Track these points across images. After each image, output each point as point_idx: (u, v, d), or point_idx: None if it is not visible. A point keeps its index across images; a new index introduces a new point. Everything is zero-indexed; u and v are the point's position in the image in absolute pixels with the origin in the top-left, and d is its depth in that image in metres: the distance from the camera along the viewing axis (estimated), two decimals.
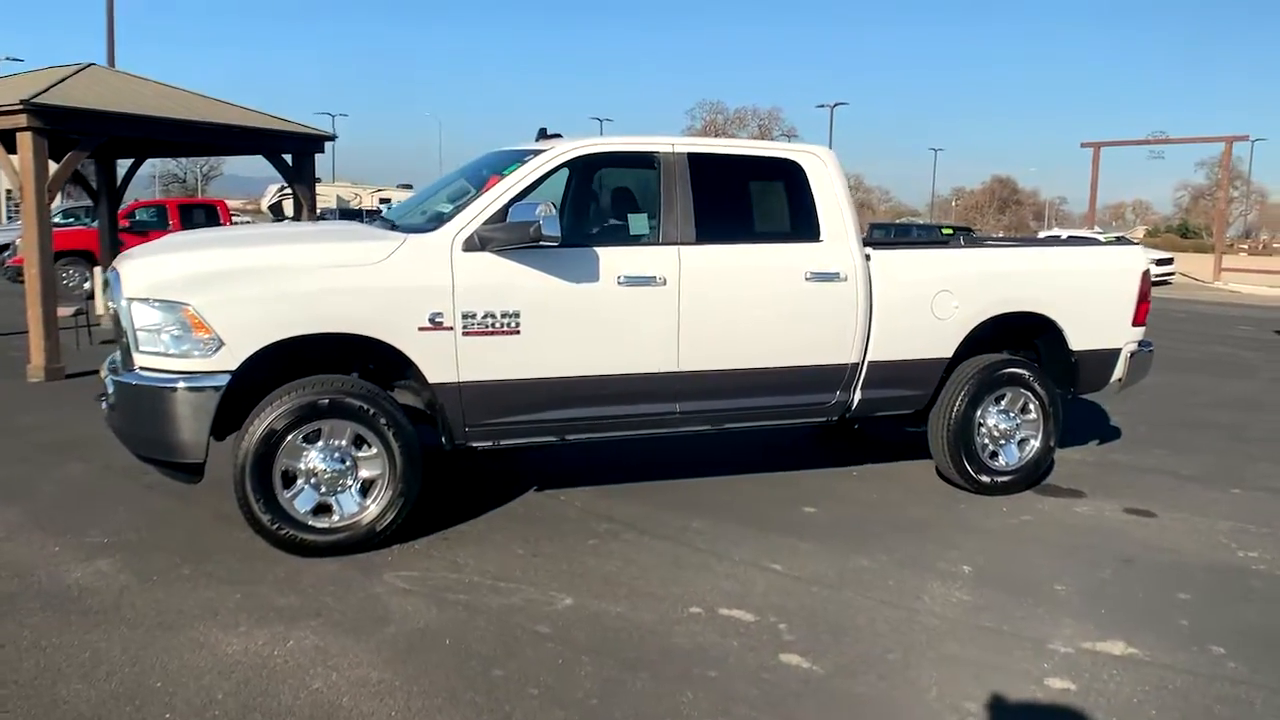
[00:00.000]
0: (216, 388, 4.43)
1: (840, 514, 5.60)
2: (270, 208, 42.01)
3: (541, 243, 4.61)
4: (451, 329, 4.72)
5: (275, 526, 4.55)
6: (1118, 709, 3.46)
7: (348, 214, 30.47)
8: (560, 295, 4.90)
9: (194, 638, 3.80)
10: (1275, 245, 61.10)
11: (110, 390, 4.59)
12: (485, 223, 4.83)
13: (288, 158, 11.60)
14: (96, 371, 5.48)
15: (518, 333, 4.83)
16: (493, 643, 3.83)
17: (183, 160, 65.60)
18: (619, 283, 5.01)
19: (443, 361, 4.75)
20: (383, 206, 37.02)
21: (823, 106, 60.68)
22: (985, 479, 5.98)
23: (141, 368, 4.52)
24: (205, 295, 4.41)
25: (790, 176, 5.55)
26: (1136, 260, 6.34)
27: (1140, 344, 6.40)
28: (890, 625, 4.10)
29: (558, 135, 5.53)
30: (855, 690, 3.55)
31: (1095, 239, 17.33)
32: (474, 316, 4.75)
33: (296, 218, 11.80)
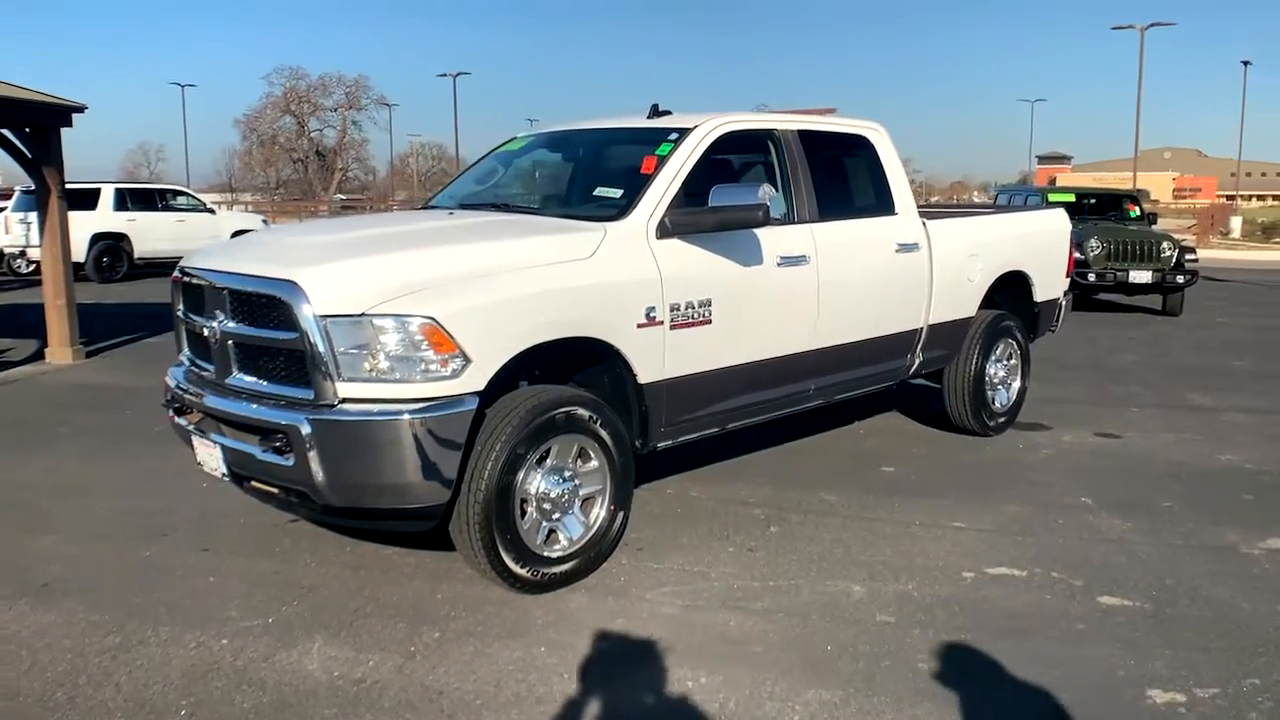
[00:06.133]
0: (467, 413, 3.73)
1: (917, 469, 5.97)
2: None
3: (769, 225, 4.41)
4: (662, 323, 4.37)
5: (521, 566, 3.95)
6: None
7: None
8: (740, 280, 4.71)
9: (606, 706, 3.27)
10: None
11: (307, 433, 3.63)
12: (669, 207, 4.50)
13: (15, 134, 9.38)
14: None
15: (710, 322, 4.58)
16: (868, 641, 3.71)
17: None
18: (778, 264, 4.91)
19: (653, 358, 4.38)
20: None
21: (444, 76, 59.75)
22: (991, 423, 6.69)
23: (348, 400, 3.67)
24: (448, 304, 3.67)
25: (866, 151, 5.74)
26: (1066, 222, 7.36)
27: (1065, 293, 7.46)
28: (1126, 557, 4.56)
29: (668, 112, 5.22)
30: (1193, 615, 3.95)
31: None
32: (678, 308, 4.43)
33: (43, 207, 9.60)
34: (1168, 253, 13.44)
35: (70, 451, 6.38)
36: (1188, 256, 13.55)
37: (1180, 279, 13.40)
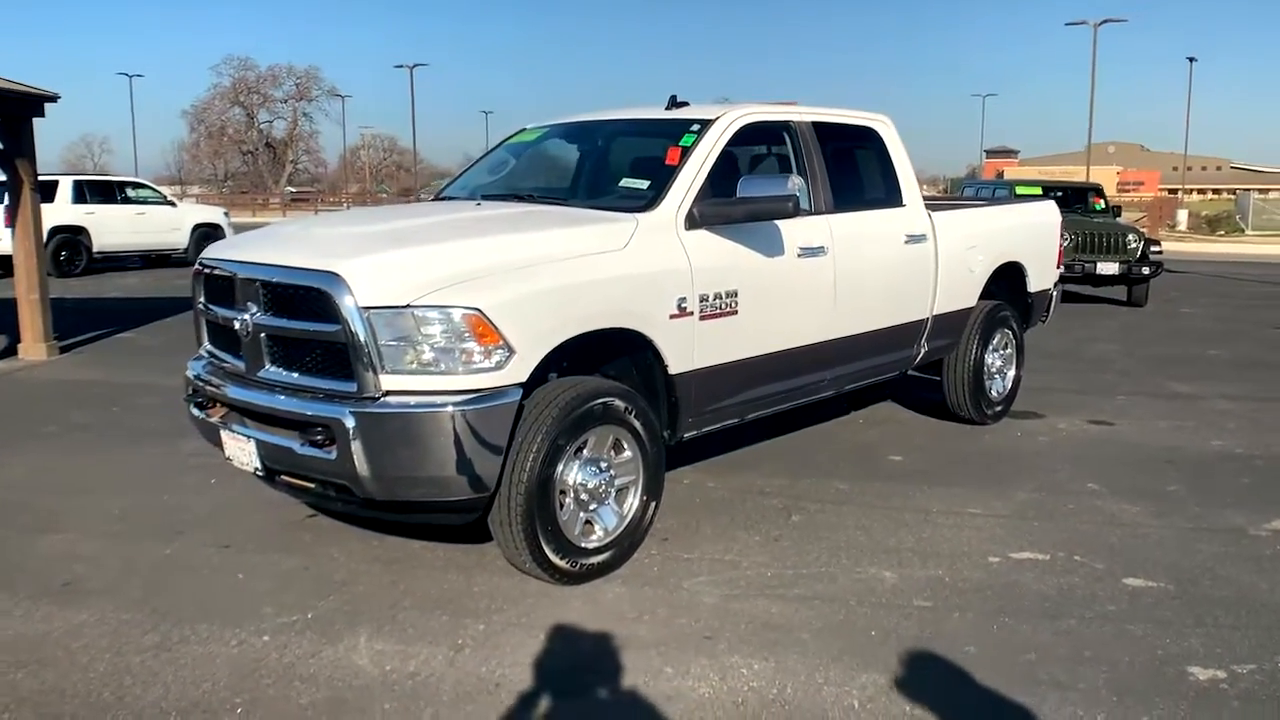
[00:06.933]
0: (511, 404, 3.71)
1: (924, 458, 6.05)
2: None
3: (798, 217, 4.44)
4: (692, 314, 4.38)
5: (561, 558, 3.95)
6: None
7: None
8: (763, 271, 4.74)
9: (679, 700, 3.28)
10: None
11: (350, 426, 3.59)
12: (697, 198, 4.51)
13: None
14: None
15: (736, 313, 4.60)
16: (911, 626, 3.77)
17: None
18: (798, 255, 4.95)
19: (684, 349, 4.39)
20: None
21: (401, 67, 59.04)
22: (989, 411, 6.80)
23: (391, 392, 3.63)
24: (492, 295, 3.65)
25: (874, 142, 5.80)
26: (1058, 214, 7.50)
27: (1055, 284, 7.61)
28: (1141, 540, 4.67)
29: (685, 103, 5.22)
30: (1217, 595, 4.06)
31: None
32: (707, 299, 4.45)
33: (15, 199, 9.33)
34: (1133, 245, 13.73)
35: (63, 449, 6.22)
36: (1153, 249, 13.88)
37: (1145, 270, 13.72)
